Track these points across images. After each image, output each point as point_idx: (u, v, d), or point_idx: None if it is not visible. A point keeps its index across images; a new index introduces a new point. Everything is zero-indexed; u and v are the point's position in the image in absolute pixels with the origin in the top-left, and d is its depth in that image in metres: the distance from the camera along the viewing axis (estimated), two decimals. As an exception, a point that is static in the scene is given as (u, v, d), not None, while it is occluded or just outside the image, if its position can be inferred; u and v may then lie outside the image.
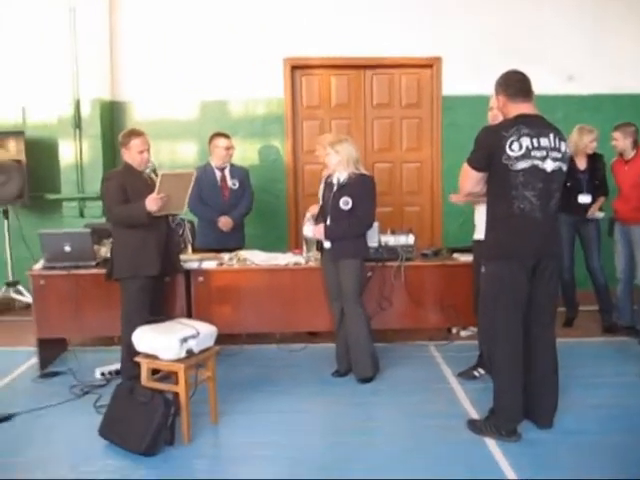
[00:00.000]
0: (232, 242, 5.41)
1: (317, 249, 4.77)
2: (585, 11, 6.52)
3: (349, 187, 4.38)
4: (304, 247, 4.98)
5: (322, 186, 4.65)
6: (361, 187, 4.40)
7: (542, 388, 3.65)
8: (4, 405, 4.11)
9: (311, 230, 4.57)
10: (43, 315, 4.78)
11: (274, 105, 6.63)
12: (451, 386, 4.39)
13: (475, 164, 3.49)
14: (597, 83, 6.52)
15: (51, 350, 4.99)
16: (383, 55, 6.56)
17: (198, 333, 3.60)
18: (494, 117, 4.08)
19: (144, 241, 4.19)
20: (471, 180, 3.55)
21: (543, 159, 3.38)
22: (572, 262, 5.61)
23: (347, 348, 4.55)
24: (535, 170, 3.37)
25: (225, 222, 5.37)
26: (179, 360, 3.53)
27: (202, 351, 3.67)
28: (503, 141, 3.35)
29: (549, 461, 3.35)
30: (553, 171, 3.41)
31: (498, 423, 3.56)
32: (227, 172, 5.53)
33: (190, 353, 3.57)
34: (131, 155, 4.25)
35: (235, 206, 5.49)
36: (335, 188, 4.43)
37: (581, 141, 5.38)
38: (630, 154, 5.28)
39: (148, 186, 4.23)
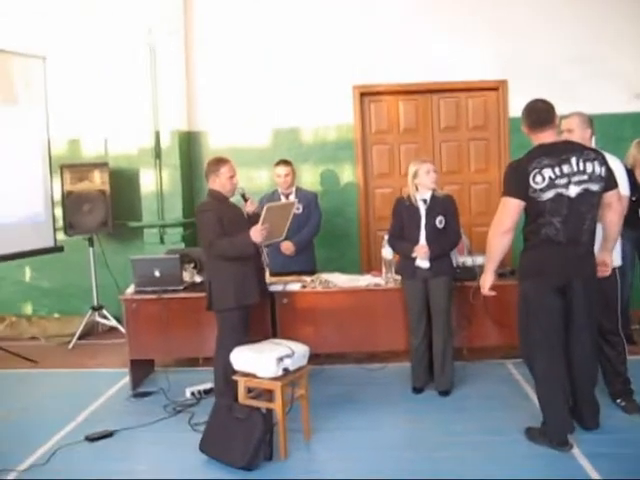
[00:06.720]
0: (298, 265, 5.46)
1: (396, 272, 4.89)
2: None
3: (439, 206, 4.60)
4: (383, 269, 5.09)
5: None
6: (449, 205, 4.65)
7: (582, 399, 3.83)
8: (104, 423, 4.33)
9: (420, 251, 4.55)
10: (135, 337, 5.00)
11: (344, 131, 6.80)
12: (533, 402, 4.39)
13: (514, 194, 3.54)
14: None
15: (141, 371, 5.21)
16: (449, 80, 6.68)
17: (293, 352, 3.75)
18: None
19: (244, 271, 4.25)
20: (513, 212, 3.57)
21: (566, 186, 3.47)
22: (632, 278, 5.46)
23: (426, 364, 4.70)
24: (560, 197, 3.48)
25: (287, 246, 5.42)
26: (276, 378, 3.68)
27: (296, 370, 3.81)
28: (527, 175, 3.47)
29: None
30: (579, 195, 3.49)
31: (549, 434, 3.68)
32: (292, 197, 5.57)
33: (286, 371, 3.72)
34: (221, 182, 4.32)
35: (299, 230, 5.49)
36: (424, 208, 4.60)
37: (639, 154, 5.29)
38: None
39: (237, 213, 4.38)
